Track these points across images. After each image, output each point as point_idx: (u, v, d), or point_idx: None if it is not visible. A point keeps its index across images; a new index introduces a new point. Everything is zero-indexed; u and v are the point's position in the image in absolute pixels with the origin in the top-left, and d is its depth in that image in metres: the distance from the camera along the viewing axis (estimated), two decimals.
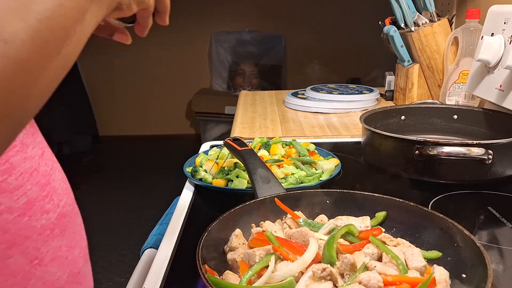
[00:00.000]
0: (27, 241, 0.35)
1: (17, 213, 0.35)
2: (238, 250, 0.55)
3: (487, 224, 0.71)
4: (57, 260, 0.38)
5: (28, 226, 0.35)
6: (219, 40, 3.77)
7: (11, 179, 0.34)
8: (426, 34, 1.30)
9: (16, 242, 0.34)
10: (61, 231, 0.39)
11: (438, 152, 0.77)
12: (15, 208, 0.34)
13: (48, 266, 0.37)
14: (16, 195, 0.34)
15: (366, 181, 0.90)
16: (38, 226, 0.36)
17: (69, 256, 0.40)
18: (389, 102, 1.53)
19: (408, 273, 0.49)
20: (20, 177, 0.35)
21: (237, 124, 1.35)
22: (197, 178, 0.86)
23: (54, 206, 0.39)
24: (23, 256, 0.35)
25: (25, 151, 0.36)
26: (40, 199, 0.37)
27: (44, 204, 0.37)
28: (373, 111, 1.05)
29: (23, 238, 0.35)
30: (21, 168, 0.35)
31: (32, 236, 0.36)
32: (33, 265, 0.36)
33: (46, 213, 0.38)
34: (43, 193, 0.37)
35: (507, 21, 0.95)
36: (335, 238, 0.53)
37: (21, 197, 0.35)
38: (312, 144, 0.99)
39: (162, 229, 0.88)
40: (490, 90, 0.98)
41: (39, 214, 0.37)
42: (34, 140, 0.38)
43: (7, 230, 0.34)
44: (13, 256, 0.34)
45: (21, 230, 0.35)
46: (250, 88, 3.67)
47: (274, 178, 0.71)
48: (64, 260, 0.39)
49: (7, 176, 0.34)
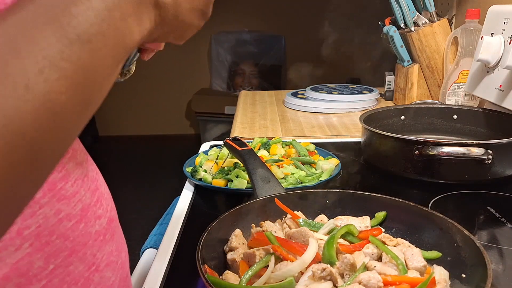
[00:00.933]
0: (85, 248, 0.35)
1: (75, 220, 0.35)
2: (238, 250, 0.55)
3: (487, 224, 0.71)
4: (111, 265, 0.39)
5: (85, 233, 0.36)
6: (219, 40, 3.77)
7: (68, 186, 0.34)
8: (426, 34, 1.30)
9: (75, 249, 0.35)
10: (111, 236, 0.40)
11: (438, 152, 0.77)
12: (73, 215, 0.34)
13: (104, 271, 0.38)
14: (73, 201, 0.35)
15: (366, 181, 0.90)
16: (93, 232, 0.37)
17: (119, 260, 0.41)
18: (389, 102, 1.53)
19: (408, 273, 0.49)
20: (75, 183, 0.35)
21: (237, 124, 1.35)
22: (197, 178, 0.86)
23: (104, 211, 0.39)
24: (82, 263, 0.35)
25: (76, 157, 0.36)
26: (92, 204, 0.37)
27: (96, 210, 0.38)
28: (373, 111, 1.05)
29: (81, 245, 0.35)
30: (75, 174, 0.35)
31: (88, 242, 0.36)
32: (91, 271, 0.36)
33: (98, 218, 0.38)
34: (94, 198, 0.38)
35: (507, 21, 0.95)
36: (335, 238, 0.53)
37: (77, 204, 0.35)
38: (312, 144, 0.99)
39: (162, 229, 0.88)
40: (490, 90, 0.98)
41: (93, 220, 0.37)
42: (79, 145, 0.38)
43: (67, 237, 0.34)
44: (74, 263, 0.34)
45: (79, 237, 0.35)
46: (250, 88, 3.67)
47: (274, 178, 0.71)
48: (116, 265, 0.40)
49: (64, 183, 0.34)
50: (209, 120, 3.58)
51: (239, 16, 3.88)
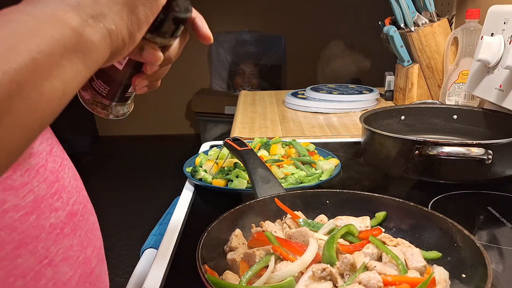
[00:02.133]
0: (36, 241, 0.34)
1: (24, 211, 0.33)
2: (238, 250, 0.55)
3: (487, 224, 0.71)
4: (69, 260, 0.37)
5: (37, 225, 0.34)
6: (219, 40, 3.77)
7: (16, 176, 0.33)
8: (426, 34, 1.30)
9: (25, 241, 0.33)
10: (72, 230, 0.38)
11: (438, 152, 0.77)
12: (22, 206, 0.33)
13: (59, 266, 0.36)
14: (22, 192, 0.33)
15: (366, 181, 0.90)
16: (47, 225, 0.35)
17: (81, 255, 0.39)
18: (389, 102, 1.53)
19: (408, 273, 0.49)
20: (26, 173, 0.34)
21: (237, 124, 1.35)
22: (197, 178, 0.86)
23: (63, 204, 0.37)
24: (32, 256, 0.34)
25: (31, 147, 0.35)
26: (48, 196, 0.36)
27: (53, 202, 0.36)
28: (373, 111, 1.05)
29: (31, 238, 0.34)
30: (27, 164, 0.34)
31: (41, 235, 0.34)
32: (43, 265, 0.35)
33: (55, 211, 0.36)
34: (51, 190, 0.36)
35: (507, 21, 0.95)
36: (335, 238, 0.53)
37: (28, 195, 0.34)
38: (312, 144, 0.99)
39: (162, 229, 0.88)
40: (490, 90, 0.98)
41: (48, 213, 0.35)
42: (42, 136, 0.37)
43: (14, 229, 0.32)
44: (22, 256, 0.33)
45: (29, 229, 0.34)
46: (250, 88, 3.67)
47: (274, 178, 0.71)
48: (75, 260, 0.38)
49: (12, 172, 0.33)
50: (209, 120, 3.58)
51: (239, 16, 3.88)
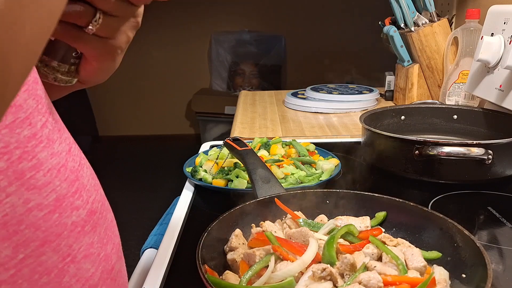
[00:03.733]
0: (59, 238, 0.35)
1: (47, 210, 0.34)
2: (238, 250, 0.55)
3: (487, 224, 0.71)
4: (90, 257, 0.38)
5: (59, 223, 0.35)
6: (219, 40, 3.77)
7: (39, 175, 0.33)
8: (426, 34, 1.30)
9: (48, 239, 0.34)
10: (92, 228, 0.39)
11: (438, 152, 0.77)
12: (45, 205, 0.34)
13: (81, 263, 0.37)
14: (45, 191, 0.34)
15: (366, 181, 0.90)
16: (69, 223, 0.36)
17: (102, 252, 0.40)
18: (389, 102, 1.53)
19: (408, 273, 0.49)
20: (48, 173, 0.34)
21: (237, 124, 1.35)
22: (197, 178, 0.86)
23: (83, 203, 0.38)
24: (56, 254, 0.35)
25: (52, 147, 0.36)
26: (69, 195, 0.37)
27: (73, 201, 0.37)
28: (373, 111, 1.05)
29: (54, 235, 0.35)
30: (49, 164, 0.35)
31: (63, 233, 0.35)
32: (66, 262, 0.35)
33: (76, 209, 0.37)
34: (72, 189, 0.37)
35: (507, 21, 0.95)
36: (335, 238, 0.53)
37: (50, 194, 0.34)
38: (312, 144, 0.99)
39: (162, 229, 0.88)
40: (490, 90, 0.98)
41: (69, 211, 0.36)
42: (61, 136, 0.38)
43: (38, 227, 0.33)
44: (46, 254, 0.34)
45: (52, 227, 0.34)
46: (250, 88, 3.67)
47: (274, 178, 0.71)
48: (97, 257, 0.39)
49: (35, 172, 0.33)
50: (209, 120, 3.59)
51: (239, 16, 3.88)
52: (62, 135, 0.38)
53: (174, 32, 3.92)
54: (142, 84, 4.13)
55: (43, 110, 0.35)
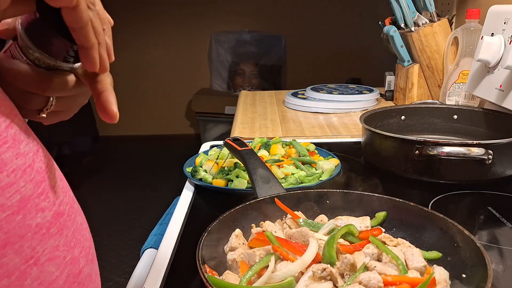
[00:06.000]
0: (22, 240, 0.34)
1: (10, 211, 0.33)
2: (238, 250, 0.55)
3: (487, 224, 0.71)
4: (55, 259, 0.37)
5: (23, 225, 0.34)
6: (219, 40, 3.77)
7: (2, 176, 0.33)
8: (426, 34, 1.30)
9: (10, 241, 0.33)
10: (59, 230, 0.38)
11: (438, 152, 0.77)
12: (8, 206, 0.33)
13: (45, 266, 0.36)
14: (8, 192, 0.33)
15: (366, 181, 0.90)
16: (33, 225, 0.35)
17: (68, 255, 0.39)
18: (389, 102, 1.53)
19: (408, 273, 0.49)
20: (13, 173, 0.34)
21: (237, 124, 1.35)
22: (197, 178, 0.86)
23: (50, 204, 0.38)
24: (17, 256, 0.34)
25: (18, 147, 0.35)
26: (35, 196, 0.36)
27: (39, 202, 0.36)
28: (373, 111, 1.05)
29: (17, 237, 0.34)
30: (13, 164, 0.34)
31: (27, 235, 0.35)
32: (29, 264, 0.35)
33: (42, 211, 0.36)
34: (38, 190, 0.36)
35: (507, 21, 0.95)
36: (335, 238, 0.53)
37: (14, 195, 0.34)
38: (312, 144, 0.99)
39: (162, 229, 0.88)
40: (490, 90, 0.98)
41: (34, 212, 0.36)
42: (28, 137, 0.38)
43: (0, 229, 0.33)
44: (7, 256, 0.33)
45: (15, 229, 0.34)
46: (250, 88, 3.67)
47: (274, 178, 0.71)
48: (62, 260, 0.38)
49: None
50: (209, 120, 3.59)
51: (239, 16, 3.88)
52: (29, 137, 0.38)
53: (174, 32, 3.92)
54: (142, 84, 4.13)
55: (7, 111, 0.35)
